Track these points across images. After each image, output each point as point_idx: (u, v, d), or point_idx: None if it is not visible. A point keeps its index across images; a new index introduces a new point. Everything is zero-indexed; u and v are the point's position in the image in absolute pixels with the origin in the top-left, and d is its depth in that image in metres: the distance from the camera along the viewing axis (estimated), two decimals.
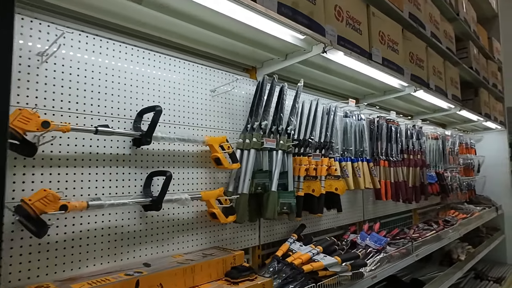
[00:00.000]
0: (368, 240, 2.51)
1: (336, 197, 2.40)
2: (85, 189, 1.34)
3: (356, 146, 2.88)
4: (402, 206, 3.63)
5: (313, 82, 2.56)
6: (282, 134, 2.00)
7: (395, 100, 3.38)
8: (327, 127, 2.38)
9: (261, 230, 2.05)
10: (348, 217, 2.80)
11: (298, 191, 2.12)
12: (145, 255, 1.50)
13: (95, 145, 1.37)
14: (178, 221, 1.64)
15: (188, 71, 1.73)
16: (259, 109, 1.88)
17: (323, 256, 1.96)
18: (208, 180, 1.78)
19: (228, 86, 1.89)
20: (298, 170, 2.14)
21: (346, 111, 2.77)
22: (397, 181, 3.18)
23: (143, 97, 1.55)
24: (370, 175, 2.83)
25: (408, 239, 2.89)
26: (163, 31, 1.62)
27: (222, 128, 1.88)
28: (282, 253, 1.98)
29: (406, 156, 3.51)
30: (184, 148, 1.68)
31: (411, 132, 3.54)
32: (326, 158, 2.32)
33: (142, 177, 1.50)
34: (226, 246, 1.84)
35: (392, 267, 2.40)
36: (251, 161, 1.82)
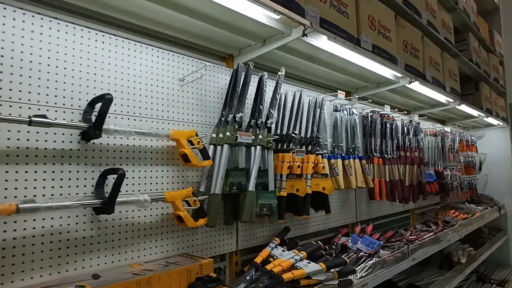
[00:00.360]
0: (359, 243, 2.32)
1: (324, 197, 2.21)
2: (21, 190, 1.16)
3: (348, 142, 2.69)
4: (399, 206, 3.44)
5: (299, 73, 2.37)
6: (261, 128, 1.81)
7: (391, 94, 3.19)
8: (313, 121, 2.19)
9: (239, 234, 1.86)
10: (339, 218, 2.61)
11: (280, 191, 1.93)
12: (97, 264, 1.31)
13: (33, 139, 1.19)
14: (139, 225, 1.45)
15: (152, 57, 1.55)
16: (233, 100, 1.69)
17: (306, 262, 1.77)
18: (176, 179, 1.60)
19: (197, 74, 1.71)
20: (280, 167, 1.95)
21: (336, 105, 2.58)
22: (392, 179, 2.98)
23: (97, 85, 1.36)
24: (362, 173, 2.64)
25: (404, 242, 2.70)
26: (123, 12, 1.44)
27: (193, 122, 1.70)
28: (261, 259, 1.79)
29: (402, 153, 3.32)
30: (146, 143, 1.49)
31: (407, 128, 3.35)
32: (312, 155, 2.14)
33: (94, 176, 1.32)
34: (197, 252, 1.66)
35: (386, 273, 2.21)
36: (224, 157, 1.63)
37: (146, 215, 1.48)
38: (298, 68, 2.27)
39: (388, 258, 2.29)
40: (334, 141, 2.56)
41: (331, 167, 2.38)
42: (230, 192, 1.69)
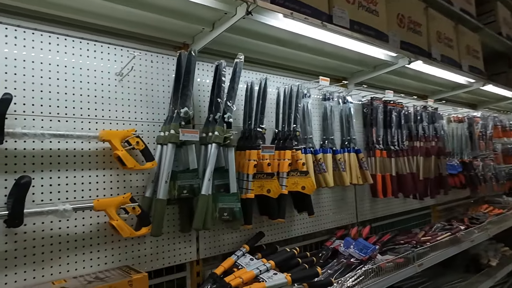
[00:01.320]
0: (352, 248, 2.05)
1: (306, 198, 1.97)
2: None
3: (343, 134, 2.42)
4: (415, 203, 3.08)
5: (279, 61, 2.13)
6: (218, 123, 1.62)
7: (400, 79, 2.85)
8: (289, 112, 1.95)
9: (200, 242, 1.69)
10: (335, 219, 2.35)
11: (247, 193, 1.73)
12: (14, 281, 1.20)
13: None
14: (68, 236, 1.32)
15: (81, 51, 1.41)
16: (177, 93, 1.51)
17: (272, 274, 1.56)
18: (116, 185, 1.45)
19: (138, 66, 1.54)
20: (246, 167, 1.74)
21: (325, 93, 2.31)
22: (401, 174, 2.65)
23: (9, 85, 1.24)
24: (359, 168, 2.36)
25: (413, 245, 2.38)
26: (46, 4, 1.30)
27: (137, 120, 1.54)
28: (222, 270, 1.61)
29: (416, 143, 2.96)
30: (75, 146, 1.35)
31: (421, 115, 2.98)
32: (289, 151, 1.90)
33: (7, 185, 1.20)
34: (146, 264, 1.50)
35: (381, 282, 1.93)
36: (168, 158, 1.46)
37: (77, 225, 1.34)
38: (277, 55, 2.04)
39: (385, 265, 2.01)
40: (324, 133, 2.30)
41: (317, 163, 2.12)
42: (179, 196, 1.52)
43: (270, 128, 2.03)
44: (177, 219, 1.61)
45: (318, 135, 2.30)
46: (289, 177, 1.89)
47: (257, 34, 1.74)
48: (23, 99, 1.25)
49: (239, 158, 1.80)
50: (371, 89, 2.77)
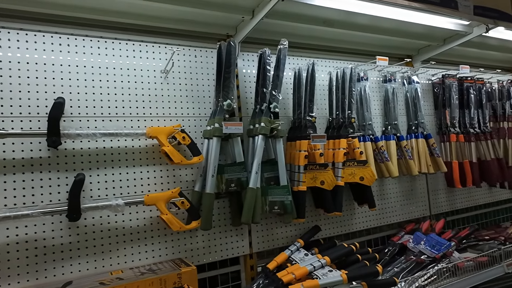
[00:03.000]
0: (422, 244, 1.84)
1: (365, 189, 1.82)
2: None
3: (409, 118, 2.19)
4: (505, 193, 2.67)
5: (330, 43, 1.99)
6: (264, 114, 1.56)
7: (479, 51, 2.49)
8: (342, 98, 1.81)
9: (253, 236, 1.66)
10: (403, 212, 2.15)
11: (298, 185, 1.65)
12: (79, 271, 1.30)
13: (0, 150, 1.22)
14: (125, 230, 1.39)
15: (127, 52, 1.46)
16: (219, 85, 1.49)
17: (327, 271, 1.47)
18: (166, 180, 1.49)
19: (180, 62, 1.55)
20: (297, 158, 1.66)
21: (386, 74, 2.11)
22: (484, 160, 2.31)
23: (58, 89, 1.33)
24: (430, 155, 2.11)
25: (501, 241, 2.06)
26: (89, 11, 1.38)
27: (182, 116, 1.55)
28: (275, 265, 1.56)
29: (502, 124, 2.56)
30: (126, 144, 1.42)
31: (507, 91, 2.56)
32: (344, 139, 1.77)
33: (67, 182, 1.30)
34: (198, 257, 1.52)
35: (460, 283, 1.70)
36: (213, 152, 1.45)
37: (132, 219, 1.41)
38: (324, 37, 1.91)
39: (463, 264, 1.76)
40: (386, 118, 2.10)
41: (379, 151, 1.95)
42: (227, 190, 1.51)
43: (324, 116, 1.91)
44: (228, 212, 1.61)
45: (379, 121, 2.11)
46: (345, 167, 1.76)
47: (301, 17, 1.64)
48: (77, 102, 1.34)
49: (290, 150, 1.73)
50: (442, 65, 2.46)
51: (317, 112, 1.91)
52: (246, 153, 1.61)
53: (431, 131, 2.29)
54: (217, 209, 1.58)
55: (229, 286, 1.62)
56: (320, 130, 1.89)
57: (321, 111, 1.92)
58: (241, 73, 1.72)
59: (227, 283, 1.63)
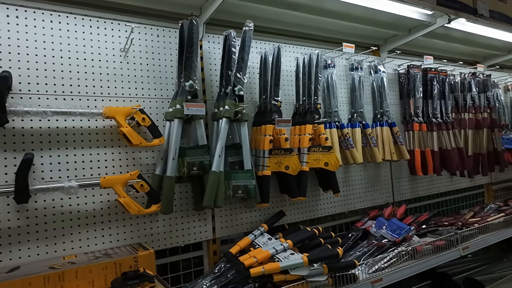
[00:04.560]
0: (384, 229, 1.89)
1: (331, 175, 1.83)
2: None
3: (375, 107, 2.22)
4: (465, 181, 2.78)
5: (298, 29, 1.98)
6: (228, 97, 1.53)
7: (445, 43, 2.56)
8: (309, 84, 1.80)
9: (216, 221, 1.64)
10: (367, 198, 2.19)
11: (263, 170, 1.64)
12: (28, 256, 1.23)
13: None
14: (80, 213, 1.33)
15: (84, 28, 1.39)
16: (181, 66, 1.45)
17: (289, 254, 1.47)
18: (126, 162, 1.44)
19: (141, 41, 1.50)
20: (262, 142, 1.65)
21: (353, 62, 2.12)
22: (444, 149, 2.39)
23: (3, 64, 1.24)
24: (394, 143, 2.16)
25: (458, 226, 2.15)
26: None
27: (144, 96, 1.50)
28: (238, 249, 1.54)
29: (463, 115, 2.66)
30: (82, 124, 1.35)
31: (469, 83, 2.65)
32: (310, 125, 1.77)
33: (15, 163, 1.23)
34: (159, 241, 1.49)
35: (418, 266, 1.76)
36: (175, 134, 1.41)
37: (87, 203, 1.35)
38: (291, 22, 1.90)
39: (422, 247, 1.82)
40: (353, 106, 2.12)
41: (344, 138, 1.97)
42: (190, 173, 1.47)
43: (291, 102, 1.91)
44: (191, 197, 1.58)
45: (346, 109, 2.13)
46: (311, 153, 1.76)
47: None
48: (27, 78, 1.26)
49: (255, 134, 1.72)
50: (408, 56, 2.51)
51: (285, 98, 1.91)
52: (211, 137, 1.59)
53: (396, 120, 2.34)
54: (179, 193, 1.55)
55: (191, 271, 1.60)
56: (287, 116, 1.88)
57: (288, 97, 1.92)
58: (206, 55, 1.68)
59: (189, 269, 1.61)
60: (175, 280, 1.57)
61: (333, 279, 1.48)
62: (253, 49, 1.81)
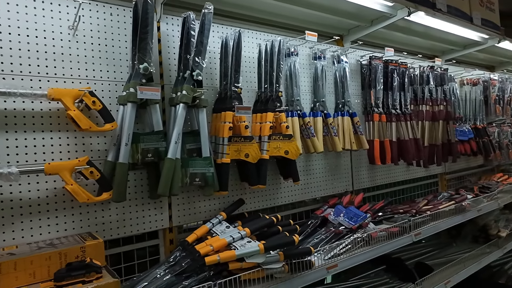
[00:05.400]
0: (342, 216, 1.93)
1: (291, 163, 1.84)
2: None
3: (337, 97, 2.25)
4: (420, 171, 2.90)
5: (261, 15, 1.95)
6: (186, 82, 1.48)
7: (406, 37, 2.62)
8: (271, 71, 1.79)
9: (173, 209, 1.60)
10: (328, 187, 2.22)
11: (222, 157, 1.61)
12: None
13: None
14: (22, 201, 1.25)
15: (26, 1, 1.28)
16: (135, 47, 1.38)
17: (246, 241, 1.46)
18: (75, 148, 1.36)
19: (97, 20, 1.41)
20: (221, 129, 1.62)
21: (316, 51, 2.12)
22: (402, 139, 2.47)
23: None
24: (354, 133, 2.20)
25: (412, 214, 2.24)
26: None
27: (96, 78, 1.42)
28: (195, 238, 1.52)
29: (421, 107, 2.75)
30: (25, 106, 1.26)
31: (427, 76, 2.74)
32: (271, 113, 1.76)
33: None
34: (111, 230, 1.43)
35: (372, 251, 1.82)
36: (128, 119, 1.35)
37: (31, 190, 1.26)
38: (255, 8, 1.86)
39: (376, 234, 1.88)
40: (315, 95, 2.13)
41: (305, 127, 1.98)
42: (144, 160, 1.42)
43: (253, 89, 1.88)
44: (146, 184, 1.52)
45: (308, 98, 2.14)
46: (271, 141, 1.75)
47: None
48: None
49: (215, 121, 1.68)
50: (371, 47, 2.55)
51: (247, 85, 1.88)
52: (168, 123, 1.54)
53: (357, 111, 2.38)
54: (133, 180, 1.49)
55: (146, 260, 1.56)
56: (249, 103, 1.86)
57: (251, 84, 1.89)
58: (165, 37, 1.61)
59: (145, 258, 1.57)
60: (129, 270, 1.52)
61: (289, 266, 1.49)
62: (215, 34, 1.77)
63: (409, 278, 2.22)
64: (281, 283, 1.43)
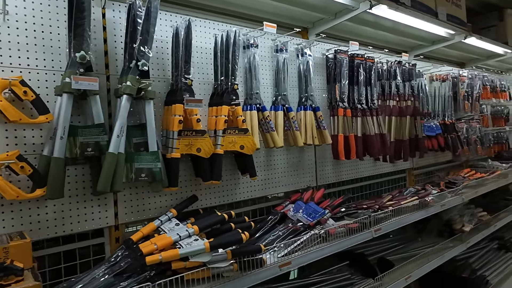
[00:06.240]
0: (301, 212, 1.89)
1: (247, 158, 1.79)
2: None
3: (300, 91, 2.20)
4: (388, 166, 2.90)
5: (218, 4, 1.87)
6: (131, 72, 1.41)
7: (374, 31, 2.60)
8: (226, 63, 1.72)
9: (119, 206, 1.53)
10: (290, 182, 2.18)
11: (172, 152, 1.55)
12: None
13: None
14: None
15: None
16: (71, 34, 1.29)
17: (193, 240, 1.41)
18: (5, 141, 1.27)
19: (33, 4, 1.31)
20: (171, 123, 1.55)
21: (278, 43, 2.07)
22: (368, 134, 2.45)
23: None
24: (317, 127, 2.16)
25: (374, 210, 2.23)
26: None
27: (30, 67, 1.33)
28: (140, 236, 1.46)
29: (388, 102, 2.74)
30: None
31: (394, 71, 2.73)
32: (226, 106, 1.70)
33: None
34: (48, 229, 1.35)
35: (329, 248, 1.79)
36: (63, 111, 1.27)
37: None
38: None
39: (335, 230, 1.86)
40: (277, 89, 2.08)
41: (265, 121, 1.93)
42: (84, 154, 1.34)
43: (210, 82, 1.81)
44: (89, 180, 1.44)
45: (270, 91, 2.09)
46: (226, 135, 1.69)
47: None
48: None
49: (167, 114, 1.61)
50: (338, 41, 2.52)
51: (204, 78, 1.82)
52: (114, 116, 1.46)
53: (323, 105, 2.35)
54: (74, 176, 1.41)
55: (90, 260, 1.48)
56: (205, 96, 1.79)
57: (208, 76, 1.82)
58: (111, 25, 1.52)
59: (89, 257, 1.49)
60: (71, 270, 1.44)
61: (239, 264, 1.44)
62: (168, 23, 1.69)
63: (371, 273, 2.21)
64: (228, 282, 1.38)
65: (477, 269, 3.16)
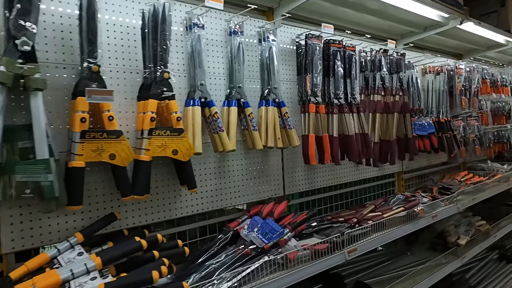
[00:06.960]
0: (255, 232, 1.53)
1: (185, 165, 1.43)
2: None
3: (263, 83, 1.84)
4: (373, 170, 2.54)
5: None
6: (7, 53, 1.05)
7: (360, 15, 2.25)
8: (154, 45, 1.36)
9: (3, 230, 1.17)
10: (251, 192, 1.83)
11: (74, 160, 1.19)
12: None
13: None
14: None
15: None
16: None
17: (90, 279, 1.05)
18: None
19: None
20: (73, 122, 1.19)
21: (232, 26, 1.70)
22: (346, 134, 2.09)
23: None
24: (282, 126, 1.81)
25: (351, 224, 1.87)
26: None
27: None
28: (24, 271, 1.10)
29: (373, 97, 2.38)
30: None
31: (379, 61, 2.37)
32: (154, 100, 1.34)
33: None
34: None
35: (285, 279, 1.43)
36: None
37: None
38: None
39: (295, 255, 1.49)
40: (231, 80, 1.72)
41: (212, 119, 1.56)
42: None
43: (140, 70, 1.45)
44: None
45: (224, 83, 1.73)
46: (153, 136, 1.33)
47: None
48: None
49: (71, 111, 1.25)
50: (314, 26, 2.14)
51: (132, 64, 1.45)
52: None
53: (293, 100, 1.99)
54: None
55: None
56: (132, 88, 1.43)
57: (136, 63, 1.46)
58: None
59: None
60: None
61: None
62: None
63: None
64: None
65: (474, 286, 2.81)
